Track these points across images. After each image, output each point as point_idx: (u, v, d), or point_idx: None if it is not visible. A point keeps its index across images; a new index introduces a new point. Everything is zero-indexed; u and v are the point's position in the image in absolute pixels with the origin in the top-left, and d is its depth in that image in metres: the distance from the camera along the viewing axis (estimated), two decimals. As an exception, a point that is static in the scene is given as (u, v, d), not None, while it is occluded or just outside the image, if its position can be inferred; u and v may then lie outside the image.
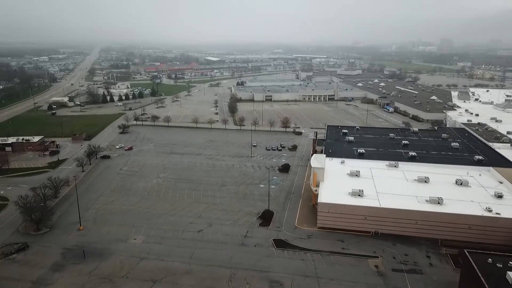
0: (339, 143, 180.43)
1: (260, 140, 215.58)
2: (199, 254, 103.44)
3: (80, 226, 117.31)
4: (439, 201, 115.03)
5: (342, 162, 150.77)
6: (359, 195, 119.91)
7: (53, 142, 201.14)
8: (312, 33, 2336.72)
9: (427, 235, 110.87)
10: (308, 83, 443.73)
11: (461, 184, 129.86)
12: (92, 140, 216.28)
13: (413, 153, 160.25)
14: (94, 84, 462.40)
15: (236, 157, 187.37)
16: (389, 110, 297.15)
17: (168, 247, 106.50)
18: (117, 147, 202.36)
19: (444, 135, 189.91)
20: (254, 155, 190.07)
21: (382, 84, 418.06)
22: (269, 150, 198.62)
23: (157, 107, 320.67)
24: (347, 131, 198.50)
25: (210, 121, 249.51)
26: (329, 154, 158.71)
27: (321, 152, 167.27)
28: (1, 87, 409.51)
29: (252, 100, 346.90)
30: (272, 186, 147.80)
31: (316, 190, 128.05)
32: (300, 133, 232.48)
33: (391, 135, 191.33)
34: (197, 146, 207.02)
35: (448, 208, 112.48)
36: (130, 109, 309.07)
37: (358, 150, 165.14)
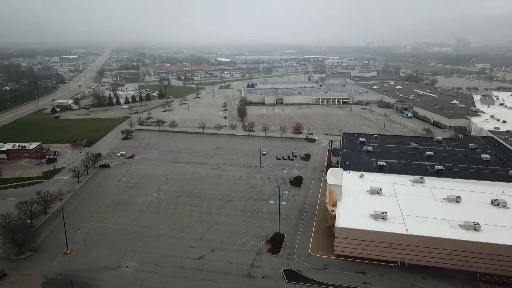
0: (357, 153, 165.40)
1: (270, 148, 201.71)
2: (198, 287, 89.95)
3: (67, 249, 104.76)
4: (475, 227, 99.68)
5: (361, 177, 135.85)
6: (383, 218, 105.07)
7: (49, 149, 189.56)
8: (325, 34, 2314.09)
9: (462, 267, 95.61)
10: (321, 86, 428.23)
11: (498, 204, 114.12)
12: (93, 147, 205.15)
13: (440, 167, 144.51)
14: (102, 85, 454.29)
15: (244, 167, 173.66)
16: (407, 115, 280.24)
17: (163, 278, 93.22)
18: (118, 154, 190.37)
19: (471, 145, 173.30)
20: (263, 165, 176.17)
21: (399, 87, 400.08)
22: (280, 159, 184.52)
23: (164, 111, 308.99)
24: (364, 139, 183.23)
25: (218, 126, 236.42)
26: (346, 167, 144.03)
27: (337, 164, 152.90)
28: (8, 88, 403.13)
29: (262, 103, 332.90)
30: (283, 203, 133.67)
31: (332, 211, 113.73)
32: (313, 140, 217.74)
33: (413, 144, 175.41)
34: (203, 154, 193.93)
35: (486, 235, 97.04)
36: (136, 112, 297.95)
37: (378, 162, 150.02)
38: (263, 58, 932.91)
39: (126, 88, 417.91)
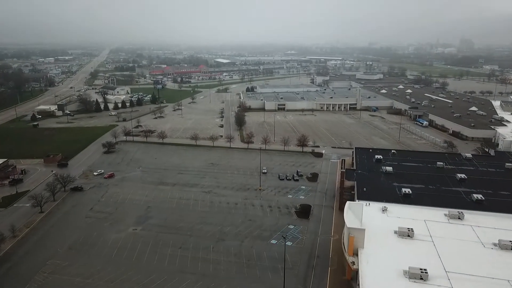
0: (374, 175, 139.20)
1: (271, 164, 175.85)
2: None
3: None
4: (549, 293, 73.60)
5: (384, 210, 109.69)
6: (422, 278, 78.93)
7: (15, 167, 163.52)
8: (326, 34, 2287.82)
9: None
10: (325, 89, 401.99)
11: None
12: (69, 163, 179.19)
13: (479, 196, 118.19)
14: (92, 88, 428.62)
15: (241, 190, 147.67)
16: (422, 123, 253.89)
17: None
18: (95, 173, 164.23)
19: (508, 165, 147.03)
20: (263, 187, 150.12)
21: (409, 91, 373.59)
22: (283, 179, 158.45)
23: (155, 118, 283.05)
24: (381, 157, 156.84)
25: (212, 137, 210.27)
26: (363, 195, 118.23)
27: (352, 191, 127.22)
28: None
29: (262, 109, 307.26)
30: (288, 244, 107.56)
31: (353, 263, 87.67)
32: (320, 155, 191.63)
33: (439, 163, 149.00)
34: (194, 172, 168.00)
35: None
36: (124, 120, 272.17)
37: (402, 189, 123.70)
38: (263, 59, 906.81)
39: (118, 92, 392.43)
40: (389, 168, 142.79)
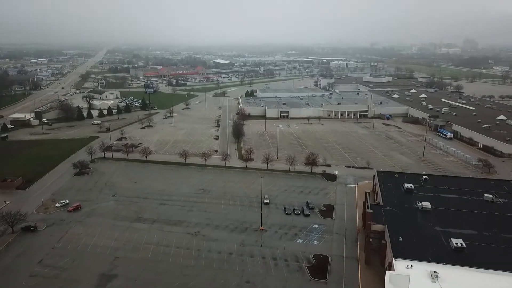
0: (409, 214, 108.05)
1: (274, 190, 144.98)
2: None
3: None
4: None
5: (435, 277, 78.45)
6: None
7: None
8: (326, 34, 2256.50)
9: None
10: (331, 94, 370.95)
11: None
12: (29, 189, 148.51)
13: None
14: (80, 92, 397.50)
15: (237, 231, 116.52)
16: (446, 135, 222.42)
17: None
18: (57, 205, 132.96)
19: None
20: (266, 225, 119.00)
21: (423, 95, 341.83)
22: (290, 214, 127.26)
23: (143, 127, 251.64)
24: (412, 186, 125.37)
25: (205, 154, 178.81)
26: (401, 250, 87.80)
27: (381, 236, 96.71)
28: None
29: (263, 117, 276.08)
30: (301, 328, 76.40)
31: None
32: (333, 177, 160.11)
33: (487, 196, 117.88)
34: (180, 201, 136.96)
35: None
36: (108, 130, 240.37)
37: (452, 240, 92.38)
38: (264, 59, 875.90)
39: (106, 96, 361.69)
40: (426, 204, 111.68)
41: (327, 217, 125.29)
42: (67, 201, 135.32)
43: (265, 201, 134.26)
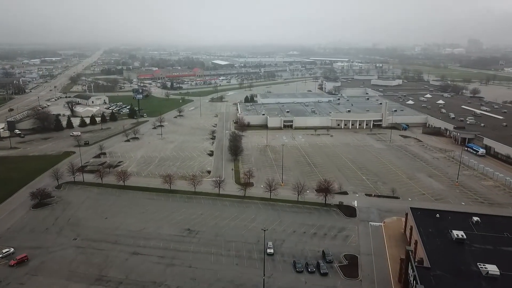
0: (470, 284, 77.24)
1: (280, 232, 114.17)
2: None
3: None
4: None
5: None
6: None
7: None
8: (327, 34, 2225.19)
9: None
10: (339, 99, 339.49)
11: None
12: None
13: None
14: (66, 97, 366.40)
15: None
16: (477, 151, 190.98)
17: None
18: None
19: None
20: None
21: (441, 101, 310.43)
22: (301, 271, 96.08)
23: (127, 140, 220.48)
24: (463, 234, 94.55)
25: (195, 177, 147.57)
26: None
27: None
28: None
29: (265, 127, 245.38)
30: None
31: None
32: (352, 211, 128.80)
33: None
34: (159, 249, 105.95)
35: None
36: (86, 143, 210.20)
37: None
38: (264, 60, 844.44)
39: (92, 102, 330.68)
40: (493, 269, 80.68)
41: (351, 276, 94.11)
42: (12, 249, 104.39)
43: (268, 250, 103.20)
